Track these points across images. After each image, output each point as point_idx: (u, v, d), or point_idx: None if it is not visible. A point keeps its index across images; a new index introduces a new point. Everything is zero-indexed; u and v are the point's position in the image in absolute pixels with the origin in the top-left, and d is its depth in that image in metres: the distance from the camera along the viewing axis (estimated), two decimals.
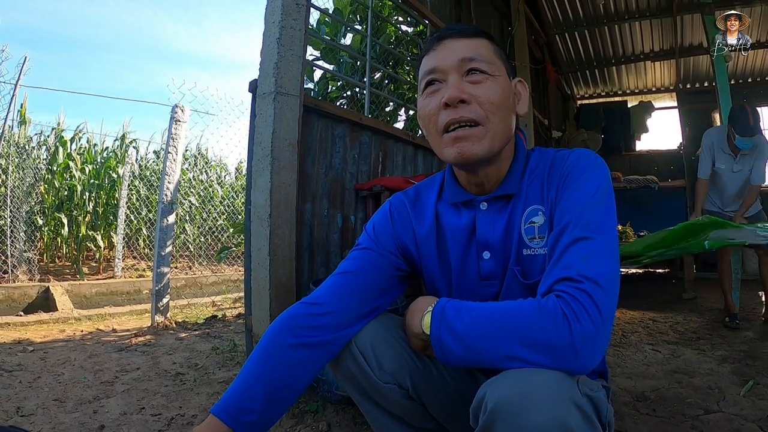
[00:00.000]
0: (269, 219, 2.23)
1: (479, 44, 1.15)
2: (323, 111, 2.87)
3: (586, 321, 0.88)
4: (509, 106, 1.15)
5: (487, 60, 1.13)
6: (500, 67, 1.15)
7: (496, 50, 1.17)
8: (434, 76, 1.14)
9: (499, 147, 1.13)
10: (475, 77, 1.11)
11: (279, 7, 2.36)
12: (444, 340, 0.97)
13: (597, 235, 0.99)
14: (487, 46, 1.15)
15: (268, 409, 1.08)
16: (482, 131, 1.10)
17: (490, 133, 1.11)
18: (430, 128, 1.16)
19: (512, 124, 1.17)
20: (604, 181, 1.09)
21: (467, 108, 1.09)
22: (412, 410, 1.24)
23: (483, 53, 1.13)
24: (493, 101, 1.10)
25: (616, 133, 8.72)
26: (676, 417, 2.15)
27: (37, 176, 8.06)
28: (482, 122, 1.10)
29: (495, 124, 1.11)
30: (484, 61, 1.12)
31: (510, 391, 0.84)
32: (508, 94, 1.14)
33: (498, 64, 1.15)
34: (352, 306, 1.20)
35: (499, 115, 1.11)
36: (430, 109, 1.14)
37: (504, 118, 1.13)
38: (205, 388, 2.59)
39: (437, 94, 1.13)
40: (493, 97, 1.10)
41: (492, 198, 1.20)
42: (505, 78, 1.16)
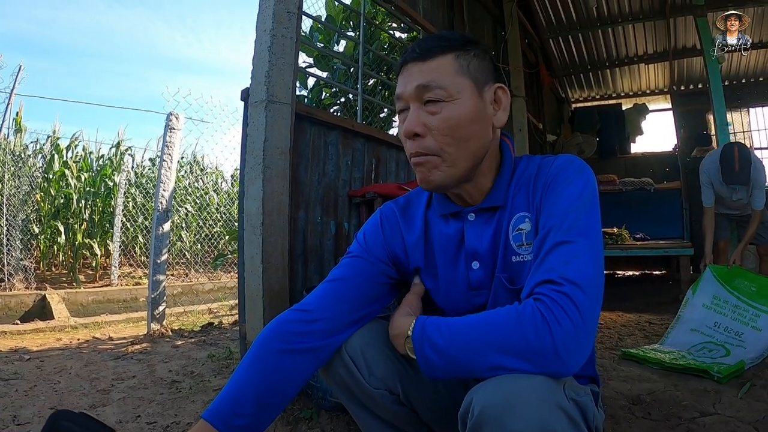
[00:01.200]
0: (262, 227, 2.24)
1: (438, 66, 1.11)
2: (316, 118, 2.88)
3: (567, 323, 0.88)
4: (474, 126, 1.12)
5: (444, 84, 1.10)
6: (464, 85, 1.11)
7: (461, 65, 1.12)
8: (400, 104, 1.15)
9: (462, 172, 1.14)
10: (432, 107, 1.10)
11: (270, 16, 2.37)
12: (429, 358, 0.97)
13: (580, 239, 0.99)
14: (448, 65, 1.12)
15: (259, 414, 1.08)
16: (437, 160, 1.11)
17: (447, 162, 1.11)
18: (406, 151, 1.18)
19: (482, 141, 1.15)
20: (588, 185, 1.09)
21: (422, 141, 1.11)
22: (404, 416, 1.24)
23: (439, 77, 1.10)
24: (447, 132, 1.09)
25: (611, 135, 8.73)
26: (672, 420, 2.14)
27: (33, 184, 8.04)
28: (438, 154, 1.11)
29: (451, 154, 1.11)
30: (440, 87, 1.09)
31: (495, 397, 0.85)
32: (472, 115, 1.11)
33: (460, 83, 1.11)
34: (342, 313, 1.20)
35: (455, 144, 1.10)
36: (401, 135, 1.16)
37: (462, 144, 1.11)
38: (200, 396, 2.58)
39: (405, 122, 1.14)
40: (447, 128, 1.09)
41: (479, 210, 1.20)
42: (469, 96, 1.12)
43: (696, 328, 3.38)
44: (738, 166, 3.81)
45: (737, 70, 8.17)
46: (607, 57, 8.34)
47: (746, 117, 8.60)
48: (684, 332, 3.42)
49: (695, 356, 3.01)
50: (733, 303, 3.39)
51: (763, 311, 3.24)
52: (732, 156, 3.85)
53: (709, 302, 3.48)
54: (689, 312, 3.55)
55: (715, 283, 3.54)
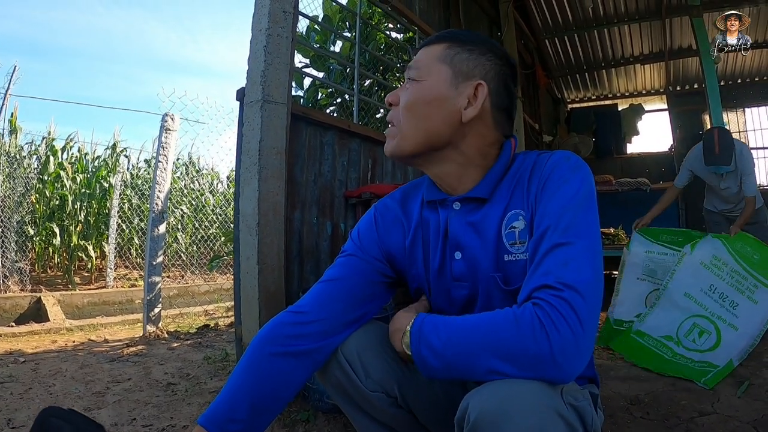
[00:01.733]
0: (257, 228, 2.22)
1: (428, 51, 1.19)
2: (311, 119, 2.87)
3: (566, 330, 0.86)
4: (431, 108, 1.14)
5: (421, 66, 1.17)
6: (437, 70, 1.15)
7: (446, 54, 1.16)
8: None
9: (411, 147, 1.16)
10: (407, 84, 1.18)
11: (266, 15, 2.36)
12: (425, 358, 0.96)
13: (577, 240, 0.97)
14: (434, 51, 1.18)
15: (254, 419, 1.07)
16: (394, 131, 1.18)
17: (400, 134, 1.17)
18: None
19: (436, 126, 1.15)
20: (585, 183, 1.07)
21: (392, 111, 1.20)
22: (401, 419, 1.23)
23: (421, 60, 1.18)
24: (404, 105, 1.16)
25: (607, 136, 8.75)
26: (671, 420, 2.14)
27: (28, 186, 8.00)
28: (395, 123, 1.18)
29: (404, 126, 1.16)
30: (416, 68, 1.17)
31: (492, 403, 0.84)
32: (431, 97, 1.14)
33: (435, 68, 1.16)
34: (338, 314, 1.19)
35: (408, 119, 1.15)
36: None
37: (415, 121, 1.15)
38: (196, 399, 2.57)
39: None
40: (406, 103, 1.16)
41: (464, 199, 1.19)
42: (438, 81, 1.15)
43: (689, 293, 3.27)
44: (718, 148, 3.83)
45: (733, 70, 8.20)
46: (603, 57, 8.36)
47: (742, 117, 8.63)
48: (677, 297, 3.31)
49: (684, 344, 2.97)
50: (732, 266, 3.26)
51: (763, 283, 3.13)
52: (712, 139, 3.87)
53: (708, 261, 3.34)
54: (684, 270, 3.41)
55: (716, 241, 3.44)
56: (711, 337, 3.01)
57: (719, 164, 3.88)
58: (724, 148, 3.82)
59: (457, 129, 1.15)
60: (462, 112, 1.14)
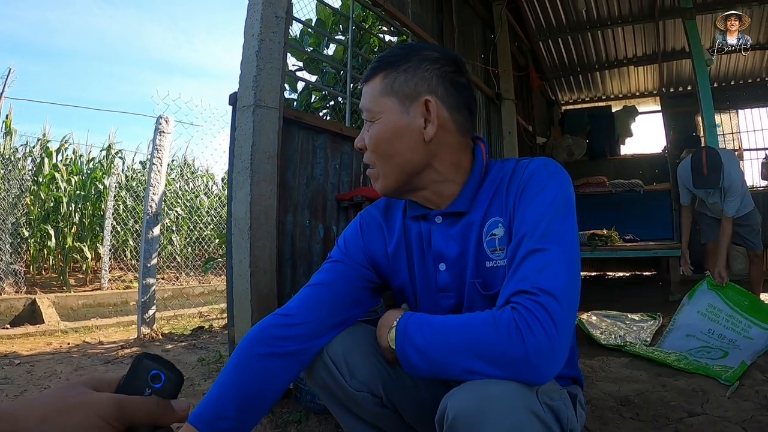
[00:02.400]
0: (249, 231, 2.24)
1: (370, 88, 1.20)
2: (304, 123, 2.89)
3: (540, 333, 0.88)
4: (395, 142, 1.16)
5: (371, 107, 1.18)
6: (385, 105, 1.16)
7: (384, 86, 1.17)
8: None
9: (395, 184, 1.19)
10: (366, 125, 1.20)
11: (258, 20, 2.37)
12: (408, 354, 0.98)
13: (553, 246, 0.99)
14: (374, 88, 1.19)
15: (243, 417, 1.10)
16: (375, 173, 1.21)
17: (382, 174, 1.19)
18: None
19: (407, 157, 1.16)
20: (562, 190, 1.09)
21: (365, 155, 1.22)
22: (387, 418, 1.25)
23: (368, 100, 1.19)
24: (373, 149, 1.18)
25: (600, 137, 8.77)
26: (660, 420, 2.16)
27: (23, 188, 7.99)
28: (373, 165, 1.20)
29: (380, 167, 1.19)
30: (367, 110, 1.19)
31: (469, 403, 0.86)
32: (390, 133, 1.16)
33: (382, 103, 1.17)
34: (323, 317, 1.21)
35: (380, 159, 1.18)
36: None
37: (386, 158, 1.17)
38: (191, 400, 2.57)
39: None
40: (372, 145, 1.18)
41: (445, 213, 1.21)
42: (390, 115, 1.16)
43: (691, 334, 3.44)
44: (706, 169, 3.85)
45: (726, 71, 8.24)
46: (596, 59, 8.38)
47: (735, 118, 8.67)
48: (680, 337, 3.47)
49: (696, 357, 3.04)
50: (727, 312, 3.49)
51: (756, 323, 3.36)
52: (700, 160, 3.89)
53: (704, 309, 3.57)
54: (684, 317, 3.64)
55: (711, 292, 3.65)
56: (719, 353, 3.14)
57: (707, 186, 3.92)
58: (712, 170, 3.84)
59: (426, 150, 1.16)
60: (423, 133, 1.15)
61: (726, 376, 2.65)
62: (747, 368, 2.77)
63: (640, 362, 3.05)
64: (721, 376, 2.66)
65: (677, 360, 2.95)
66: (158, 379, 0.66)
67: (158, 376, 0.67)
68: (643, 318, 4.27)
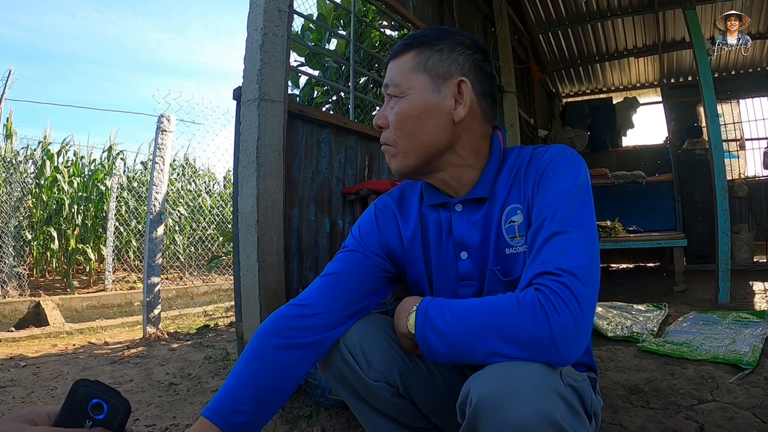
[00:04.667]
0: (256, 225, 2.23)
1: (399, 64, 1.19)
2: (308, 116, 2.88)
3: (565, 313, 0.88)
4: (422, 119, 1.15)
5: (399, 82, 1.17)
6: (417, 81, 1.16)
7: (417, 62, 1.17)
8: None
9: (415, 162, 1.18)
10: (391, 102, 1.19)
11: (261, 14, 2.36)
12: (429, 339, 0.98)
13: (574, 229, 1.00)
14: (405, 63, 1.18)
15: (259, 410, 1.08)
16: (393, 151, 1.19)
17: (401, 152, 1.18)
18: None
19: (434, 136, 1.16)
20: (580, 175, 1.10)
21: (384, 133, 1.20)
22: (404, 409, 1.25)
23: (395, 76, 1.18)
24: (397, 126, 1.16)
25: (602, 129, 8.74)
26: (670, 408, 2.15)
27: (25, 190, 7.99)
28: (392, 144, 1.18)
29: (403, 146, 1.17)
30: (395, 84, 1.17)
31: (493, 386, 0.85)
32: (420, 110, 1.15)
33: (414, 80, 1.16)
34: (339, 307, 1.21)
35: (404, 137, 1.16)
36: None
37: (411, 137, 1.16)
38: (198, 398, 2.58)
39: None
40: (397, 122, 1.16)
41: (466, 200, 1.21)
42: (420, 92, 1.16)
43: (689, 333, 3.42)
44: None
45: (727, 61, 8.21)
46: (596, 51, 8.35)
47: (736, 108, 8.63)
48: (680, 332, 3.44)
49: (706, 346, 3.02)
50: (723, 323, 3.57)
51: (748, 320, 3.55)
52: None
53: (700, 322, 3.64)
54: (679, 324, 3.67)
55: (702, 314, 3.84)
56: (727, 339, 3.12)
57: None
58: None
59: (452, 131, 1.17)
60: (452, 114, 1.15)
61: (747, 360, 2.64)
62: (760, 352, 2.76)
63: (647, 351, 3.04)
64: (742, 360, 2.64)
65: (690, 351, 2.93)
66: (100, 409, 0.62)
67: (100, 405, 0.62)
68: (649, 308, 4.26)
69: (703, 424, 1.96)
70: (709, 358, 2.78)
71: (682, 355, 2.88)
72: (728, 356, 2.74)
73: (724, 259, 4.49)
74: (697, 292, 5.10)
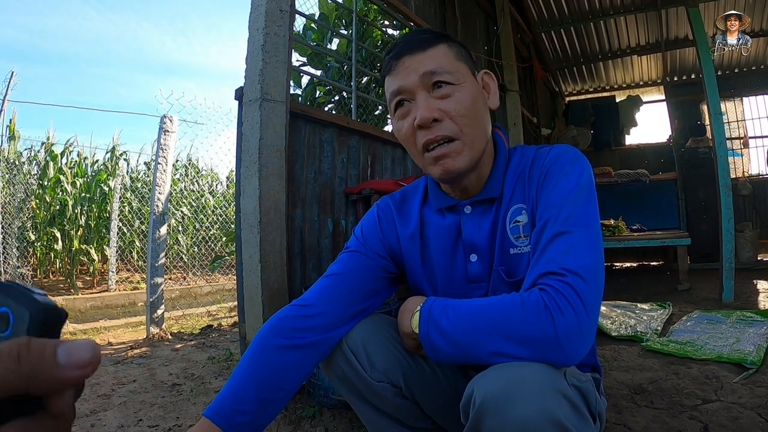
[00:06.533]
0: (259, 226, 2.23)
1: (437, 53, 1.13)
2: (310, 116, 2.87)
3: (570, 313, 0.88)
4: (480, 108, 1.15)
5: (449, 69, 1.12)
6: (464, 70, 1.15)
7: (456, 53, 1.16)
8: (401, 96, 1.14)
9: (478, 154, 1.15)
10: (442, 91, 1.11)
11: (263, 14, 2.36)
12: (432, 338, 0.97)
13: (578, 229, 0.99)
14: (445, 52, 1.14)
15: (261, 411, 1.08)
16: (459, 146, 1.11)
17: (468, 146, 1.12)
18: (410, 148, 1.18)
19: (488, 124, 1.17)
20: (583, 175, 1.10)
21: (440, 126, 1.10)
22: (407, 410, 1.24)
23: (443, 63, 1.12)
24: (464, 114, 1.10)
25: (605, 128, 8.72)
26: (675, 408, 2.14)
27: (28, 191, 8.00)
28: (458, 137, 1.11)
29: (470, 135, 1.12)
30: (447, 72, 1.11)
31: (497, 386, 0.85)
32: (477, 97, 1.14)
33: (461, 68, 1.14)
34: (342, 307, 1.20)
35: (472, 125, 1.12)
36: (405, 131, 1.15)
37: (477, 124, 1.13)
38: (202, 398, 2.58)
39: (409, 116, 1.14)
40: (463, 109, 1.10)
41: (475, 202, 1.20)
42: (471, 80, 1.15)
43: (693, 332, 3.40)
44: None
45: (730, 59, 8.18)
46: (599, 50, 8.34)
47: (740, 106, 8.61)
48: (684, 331, 3.43)
49: (710, 345, 3.01)
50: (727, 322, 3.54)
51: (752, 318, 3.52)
52: None
53: (704, 321, 3.61)
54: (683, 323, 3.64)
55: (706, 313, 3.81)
56: (731, 339, 3.10)
57: None
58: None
59: (490, 124, 1.19)
60: (488, 103, 1.19)
61: (751, 359, 2.63)
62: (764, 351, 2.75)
63: (651, 350, 3.03)
64: (746, 360, 2.63)
65: (694, 350, 2.92)
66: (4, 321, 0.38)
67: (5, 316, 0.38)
68: (653, 307, 4.25)
69: (707, 424, 1.95)
70: (713, 357, 2.76)
71: (686, 354, 2.87)
72: (732, 356, 2.72)
73: (728, 257, 4.48)
74: (701, 290, 5.08)
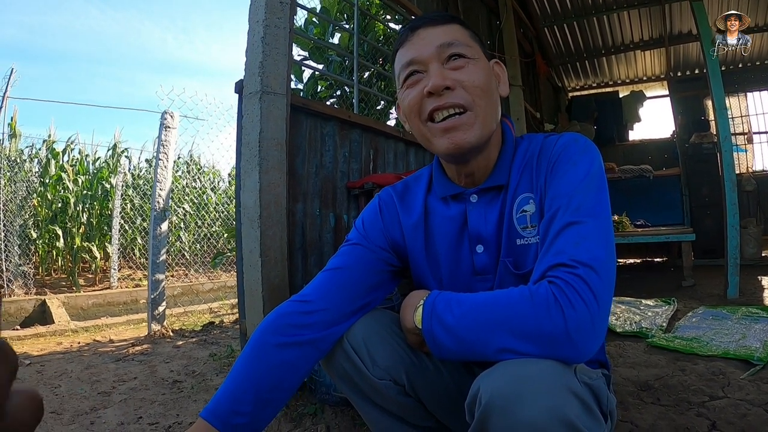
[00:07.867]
0: (259, 220, 2.20)
1: (454, 29, 1.13)
2: (311, 110, 2.85)
3: (581, 307, 0.84)
4: (493, 88, 1.13)
5: (465, 44, 1.11)
6: (478, 50, 1.14)
7: (471, 34, 1.15)
8: (414, 67, 1.12)
9: (489, 132, 1.11)
10: (457, 62, 1.09)
11: (263, 6, 2.33)
12: (436, 334, 0.94)
13: (589, 219, 0.95)
14: (461, 31, 1.14)
15: (259, 411, 1.05)
16: (471, 117, 1.08)
17: (480, 118, 1.09)
18: (412, 118, 1.14)
19: (498, 107, 1.15)
20: (594, 164, 1.06)
21: (453, 94, 1.07)
22: (410, 407, 1.21)
23: (460, 38, 1.12)
24: (478, 85, 1.08)
25: (608, 123, 8.70)
26: (682, 405, 2.12)
27: (30, 189, 8.00)
28: (470, 107, 1.08)
29: (483, 108, 1.09)
30: (463, 45, 1.10)
31: (504, 384, 0.80)
32: (490, 77, 1.13)
33: (475, 48, 1.13)
34: (343, 302, 1.17)
35: (485, 99, 1.09)
36: (411, 98, 1.12)
37: (490, 101, 1.11)
38: (203, 395, 2.56)
39: (419, 84, 1.11)
40: (478, 81, 1.08)
41: (482, 190, 1.17)
42: (485, 61, 1.14)
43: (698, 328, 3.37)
44: None
45: (733, 55, 8.13)
46: (602, 45, 8.30)
47: (744, 102, 8.58)
48: (690, 327, 3.40)
49: (716, 341, 2.98)
50: (733, 318, 3.50)
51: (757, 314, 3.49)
52: None
53: (709, 318, 3.58)
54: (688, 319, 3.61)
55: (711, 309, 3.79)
56: (737, 335, 3.06)
57: None
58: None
59: (500, 109, 1.17)
60: (499, 90, 1.17)
61: (758, 355, 2.60)
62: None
63: (656, 347, 3.01)
64: (753, 356, 2.60)
65: (700, 347, 2.89)
66: None
67: None
68: (658, 303, 4.22)
69: (715, 421, 1.93)
70: (719, 353, 2.73)
71: (692, 350, 2.84)
72: (739, 352, 2.70)
73: (733, 253, 4.44)
74: (706, 287, 5.05)
